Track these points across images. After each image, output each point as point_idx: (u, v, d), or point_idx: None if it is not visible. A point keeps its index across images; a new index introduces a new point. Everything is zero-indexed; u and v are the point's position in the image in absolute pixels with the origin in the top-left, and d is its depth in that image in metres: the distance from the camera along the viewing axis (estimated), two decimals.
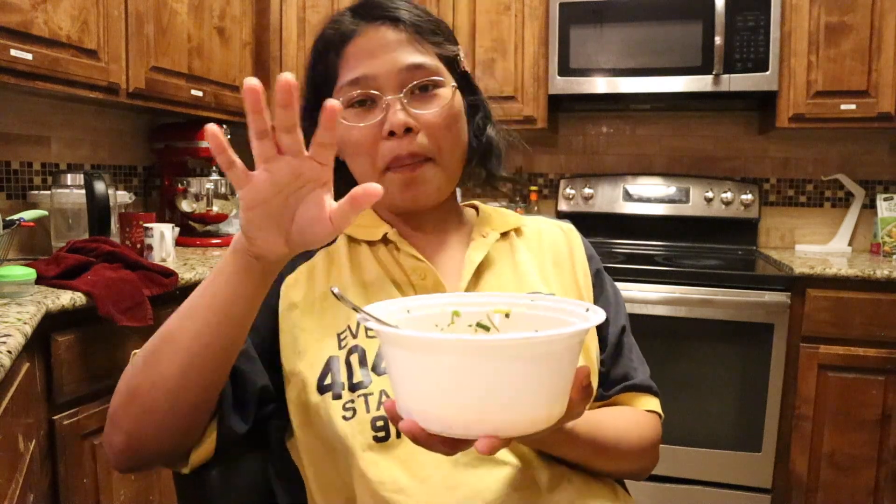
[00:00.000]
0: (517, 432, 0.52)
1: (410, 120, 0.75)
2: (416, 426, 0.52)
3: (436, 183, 0.79)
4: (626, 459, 0.78)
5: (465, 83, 0.83)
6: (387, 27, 0.77)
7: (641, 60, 2.33)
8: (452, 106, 0.79)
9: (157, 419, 0.67)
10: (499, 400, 0.50)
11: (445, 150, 0.78)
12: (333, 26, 0.79)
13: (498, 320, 0.64)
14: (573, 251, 0.88)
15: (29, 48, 1.54)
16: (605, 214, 2.69)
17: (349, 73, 0.77)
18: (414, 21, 0.78)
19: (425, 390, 0.52)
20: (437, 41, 0.79)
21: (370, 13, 0.78)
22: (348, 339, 0.75)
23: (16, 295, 1.29)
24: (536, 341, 0.50)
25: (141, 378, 0.66)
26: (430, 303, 0.65)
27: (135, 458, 0.69)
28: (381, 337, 0.54)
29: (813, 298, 2.02)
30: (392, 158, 0.76)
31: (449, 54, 0.81)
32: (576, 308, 0.61)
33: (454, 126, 0.79)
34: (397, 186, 0.78)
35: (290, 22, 2.55)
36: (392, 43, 0.76)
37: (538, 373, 0.51)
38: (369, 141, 0.77)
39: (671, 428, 2.11)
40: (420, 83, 0.77)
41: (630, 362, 0.85)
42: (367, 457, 0.69)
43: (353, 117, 0.77)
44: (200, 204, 2.28)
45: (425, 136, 0.77)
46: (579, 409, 0.59)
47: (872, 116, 2.21)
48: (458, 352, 0.49)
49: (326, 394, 0.72)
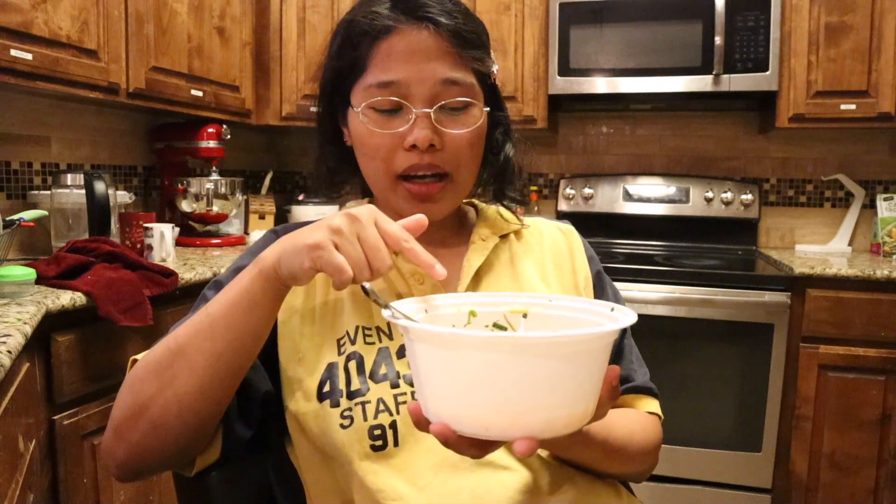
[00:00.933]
0: (554, 433, 0.51)
1: (436, 137, 0.73)
2: (447, 429, 0.51)
3: (448, 201, 0.78)
4: (632, 461, 0.77)
5: (492, 97, 0.81)
6: (428, 31, 0.72)
7: (641, 60, 2.33)
8: (481, 126, 0.77)
9: (166, 433, 0.66)
10: (537, 400, 0.49)
11: (463, 168, 0.77)
12: (369, 15, 0.73)
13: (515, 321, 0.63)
14: (573, 252, 0.87)
15: (29, 48, 1.54)
16: (605, 214, 2.69)
17: (380, 73, 0.73)
18: (457, 28, 0.73)
19: (459, 391, 0.50)
20: (477, 55, 0.75)
21: (412, 10, 0.72)
22: (347, 345, 0.74)
23: (16, 295, 1.29)
24: (573, 340, 0.49)
25: (152, 393, 0.65)
26: (446, 302, 0.63)
27: (137, 468, 0.69)
28: (410, 334, 0.52)
29: (813, 298, 2.02)
30: (408, 167, 0.74)
31: (485, 70, 0.77)
32: (597, 307, 0.60)
33: (477, 145, 0.77)
34: (409, 198, 0.76)
35: (290, 22, 2.55)
36: (431, 50, 0.72)
37: (574, 371, 0.50)
38: (388, 147, 0.74)
39: (671, 428, 2.11)
40: (453, 103, 0.73)
41: (630, 364, 0.85)
42: (365, 465, 0.68)
43: (375, 120, 0.74)
44: (200, 204, 2.28)
45: (447, 153, 0.74)
46: (606, 408, 0.58)
47: (872, 116, 2.21)
48: (495, 349, 0.48)
49: (325, 401, 0.71)
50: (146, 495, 1.54)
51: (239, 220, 2.56)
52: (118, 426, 0.67)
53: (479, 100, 0.77)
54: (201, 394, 0.65)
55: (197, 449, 0.71)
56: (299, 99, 2.56)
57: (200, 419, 0.67)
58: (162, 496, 1.58)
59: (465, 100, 0.74)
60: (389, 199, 0.78)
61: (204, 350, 0.64)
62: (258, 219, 2.69)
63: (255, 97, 2.52)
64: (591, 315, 0.60)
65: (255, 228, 2.66)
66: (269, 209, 2.71)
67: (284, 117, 2.57)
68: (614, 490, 0.77)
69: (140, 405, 0.66)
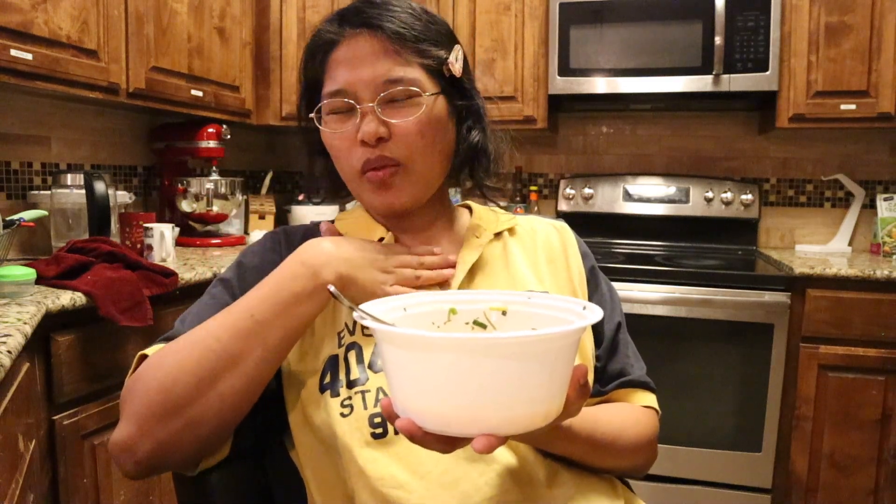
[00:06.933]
0: (514, 431, 0.52)
1: (382, 129, 0.75)
2: (412, 425, 0.53)
3: (407, 188, 0.79)
4: (623, 456, 0.78)
5: (453, 88, 0.81)
6: (366, 36, 0.76)
7: (641, 60, 2.33)
8: (430, 113, 0.77)
9: (201, 431, 0.68)
10: (495, 398, 0.50)
11: (417, 157, 0.78)
12: (322, 31, 0.80)
13: (494, 318, 0.64)
14: (567, 249, 0.88)
15: (29, 48, 1.54)
16: (605, 214, 2.69)
17: (331, 83, 0.78)
18: (397, 29, 0.76)
19: (422, 389, 0.52)
20: (421, 49, 0.77)
21: (353, 20, 0.77)
22: (346, 336, 0.76)
23: (16, 295, 1.29)
24: (533, 340, 0.50)
25: (191, 393, 0.66)
26: (426, 300, 0.65)
27: (157, 465, 0.69)
28: (378, 335, 0.54)
29: (813, 298, 2.02)
30: (364, 162, 0.77)
31: (432, 63, 0.78)
32: (572, 305, 0.61)
33: (429, 133, 0.78)
34: (371, 190, 0.79)
35: (290, 22, 2.55)
36: (371, 54, 0.76)
37: (535, 371, 0.51)
38: (346, 146, 0.78)
39: (671, 428, 2.12)
40: (393, 94, 0.76)
41: (626, 358, 0.86)
42: (366, 453, 0.69)
43: (333, 123, 0.79)
44: (200, 204, 2.28)
45: (396, 144, 0.76)
46: (576, 407, 0.59)
47: (872, 116, 2.21)
48: (454, 350, 0.49)
49: (326, 392, 0.73)
50: (146, 495, 1.54)
51: (239, 221, 2.56)
52: (144, 423, 0.66)
53: (427, 88, 0.78)
54: (247, 394, 0.69)
55: (219, 447, 0.73)
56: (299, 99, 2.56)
57: (238, 417, 0.70)
58: (162, 496, 1.58)
59: (408, 89, 0.76)
60: (359, 194, 0.82)
61: (253, 353, 0.68)
62: (258, 219, 2.69)
63: (255, 97, 2.52)
64: (566, 313, 0.61)
65: (255, 228, 2.66)
66: (269, 209, 2.71)
67: (284, 117, 2.57)
68: (610, 484, 0.78)
69: (175, 404, 0.66)
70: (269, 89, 2.56)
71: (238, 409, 0.70)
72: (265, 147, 3.10)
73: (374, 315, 0.57)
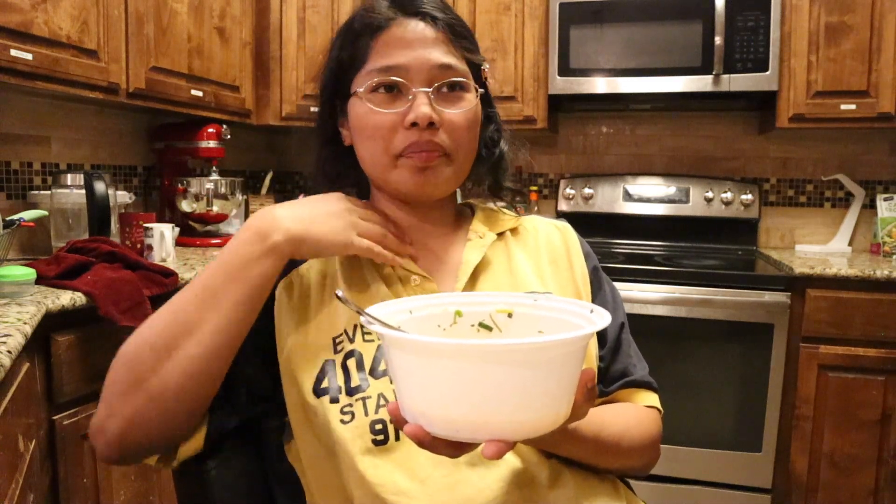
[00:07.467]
0: (523, 435, 0.52)
1: (435, 115, 0.75)
2: (420, 430, 0.52)
3: (446, 176, 0.79)
4: (628, 456, 0.78)
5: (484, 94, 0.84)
6: (424, 23, 0.77)
7: (641, 60, 2.33)
8: (475, 110, 0.80)
9: (163, 407, 0.69)
10: (504, 404, 0.50)
11: (461, 151, 0.79)
12: (369, 13, 0.79)
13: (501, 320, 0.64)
14: (570, 249, 0.88)
15: (29, 48, 1.54)
16: (605, 214, 2.69)
17: (381, 59, 0.77)
18: (449, 22, 0.78)
19: (430, 394, 0.51)
20: (468, 47, 0.80)
21: (408, 7, 0.78)
22: (345, 343, 0.75)
23: (16, 295, 1.29)
24: (542, 346, 0.50)
25: (152, 365, 0.68)
26: (432, 302, 0.64)
27: (127, 445, 0.70)
28: (384, 340, 0.54)
29: (813, 298, 2.02)
30: (409, 144, 0.76)
31: (477, 62, 0.82)
32: (579, 309, 0.61)
33: (473, 129, 0.80)
34: (410, 171, 0.77)
35: (290, 22, 2.55)
36: (428, 39, 0.77)
37: (543, 377, 0.50)
38: (388, 127, 0.76)
39: (672, 428, 2.12)
40: (449, 82, 0.77)
41: (629, 358, 0.86)
42: (366, 460, 0.69)
43: (377, 101, 0.77)
44: (200, 204, 2.28)
45: (445, 134, 0.77)
46: (584, 410, 0.59)
47: (872, 116, 2.21)
48: (463, 356, 0.49)
49: (323, 397, 0.72)
50: (146, 495, 1.54)
51: (239, 221, 2.56)
52: (110, 401, 0.69)
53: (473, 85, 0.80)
54: (206, 362, 0.69)
55: (185, 430, 0.73)
56: (299, 99, 2.56)
57: (198, 393, 0.70)
58: (162, 496, 1.58)
59: (460, 80, 0.78)
60: (389, 178, 0.79)
61: (209, 322, 0.69)
62: None
63: (255, 97, 2.52)
64: (573, 316, 0.60)
65: None
66: None
67: (284, 117, 2.57)
68: (612, 485, 0.78)
69: (137, 377, 0.69)
70: (269, 89, 2.56)
71: (199, 381, 0.69)
72: (265, 147, 3.10)
73: (381, 319, 0.57)
